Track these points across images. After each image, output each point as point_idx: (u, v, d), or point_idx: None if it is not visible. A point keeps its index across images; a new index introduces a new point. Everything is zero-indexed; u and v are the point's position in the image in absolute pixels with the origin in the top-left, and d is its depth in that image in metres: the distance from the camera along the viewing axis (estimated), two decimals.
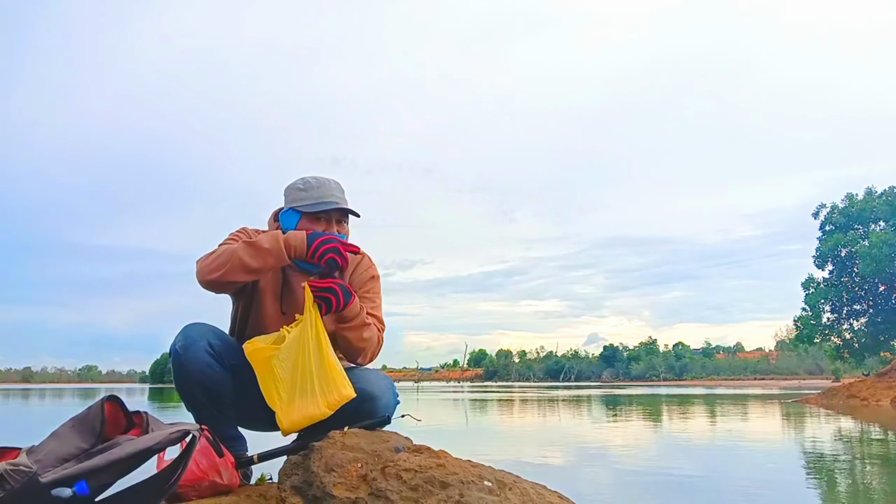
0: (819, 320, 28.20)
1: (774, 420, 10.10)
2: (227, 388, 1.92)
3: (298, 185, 1.99)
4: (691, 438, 6.96)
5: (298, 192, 1.98)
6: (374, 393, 1.87)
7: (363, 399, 1.82)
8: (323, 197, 1.96)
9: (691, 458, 5.34)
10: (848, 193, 27.54)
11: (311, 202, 1.96)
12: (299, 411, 1.74)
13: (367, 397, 1.84)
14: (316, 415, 1.73)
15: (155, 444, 1.47)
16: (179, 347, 1.89)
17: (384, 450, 1.57)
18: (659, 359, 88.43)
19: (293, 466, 1.59)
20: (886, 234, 25.06)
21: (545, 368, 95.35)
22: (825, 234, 27.70)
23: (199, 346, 1.89)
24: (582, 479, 4.07)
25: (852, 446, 6.18)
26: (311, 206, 1.95)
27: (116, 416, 1.62)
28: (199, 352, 1.89)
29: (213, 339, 1.93)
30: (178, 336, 1.93)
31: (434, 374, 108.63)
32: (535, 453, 5.42)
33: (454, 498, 1.40)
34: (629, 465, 4.84)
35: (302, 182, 1.99)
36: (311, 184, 1.98)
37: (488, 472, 1.54)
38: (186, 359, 1.88)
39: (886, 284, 26.28)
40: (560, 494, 1.64)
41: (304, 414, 1.74)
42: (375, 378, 1.94)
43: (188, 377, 1.89)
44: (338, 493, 1.46)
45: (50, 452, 1.45)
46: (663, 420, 10.13)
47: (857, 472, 4.49)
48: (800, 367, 77.35)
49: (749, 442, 6.59)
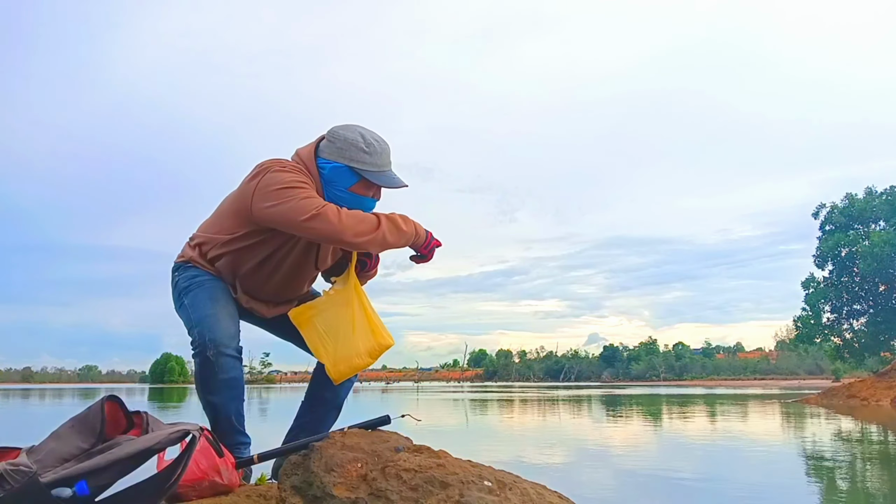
0: (819, 320, 28.20)
1: (774, 420, 10.10)
2: (243, 390, 2.01)
3: (361, 145, 1.89)
4: (691, 438, 6.96)
5: (361, 154, 1.89)
6: None
7: None
8: (384, 166, 1.92)
9: (691, 458, 5.34)
10: (848, 193, 27.54)
11: (375, 170, 1.90)
12: (345, 362, 1.89)
13: None
14: (360, 364, 1.88)
15: (155, 444, 1.47)
16: (211, 355, 1.90)
17: (384, 450, 1.57)
18: (659, 359, 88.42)
19: (293, 466, 1.59)
20: (887, 233, 25.07)
21: (545, 368, 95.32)
22: (825, 234, 27.70)
23: (229, 353, 1.93)
24: (582, 479, 4.07)
25: (852, 446, 6.18)
26: (376, 175, 1.90)
27: (116, 416, 1.62)
28: (230, 361, 1.93)
29: (235, 329, 1.98)
30: (204, 333, 1.91)
31: (434, 374, 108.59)
32: (535, 453, 5.42)
33: (454, 498, 1.39)
34: (629, 465, 4.84)
35: (364, 142, 1.90)
36: (375, 148, 1.90)
37: (488, 472, 1.54)
38: (219, 367, 1.91)
39: (887, 284, 26.28)
40: (560, 494, 1.64)
41: (349, 364, 1.90)
42: None
43: (219, 389, 1.94)
44: (338, 493, 1.46)
45: (50, 452, 1.46)
46: (663, 420, 10.13)
47: (857, 472, 4.49)
48: (800, 367, 77.35)
49: (749, 442, 6.59)
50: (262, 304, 2.12)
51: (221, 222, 2.03)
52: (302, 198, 1.81)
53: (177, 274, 2.10)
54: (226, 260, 2.03)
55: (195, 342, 1.93)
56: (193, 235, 2.15)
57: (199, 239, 2.09)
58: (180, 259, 2.12)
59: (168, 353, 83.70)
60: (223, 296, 2.02)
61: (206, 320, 1.93)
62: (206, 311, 1.95)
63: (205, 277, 2.04)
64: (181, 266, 2.10)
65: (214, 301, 1.98)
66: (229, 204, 2.03)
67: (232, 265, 2.03)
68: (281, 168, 1.88)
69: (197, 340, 1.92)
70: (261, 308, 2.12)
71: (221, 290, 2.03)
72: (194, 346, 1.94)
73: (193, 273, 2.06)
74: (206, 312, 1.95)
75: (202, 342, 1.90)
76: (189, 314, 1.99)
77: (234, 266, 2.03)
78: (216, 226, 2.05)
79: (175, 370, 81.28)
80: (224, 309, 1.98)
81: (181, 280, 2.07)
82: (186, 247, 2.14)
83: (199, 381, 1.95)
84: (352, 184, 1.91)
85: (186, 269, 2.08)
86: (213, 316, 1.94)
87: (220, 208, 2.08)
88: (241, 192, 1.95)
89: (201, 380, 1.94)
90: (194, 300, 2.00)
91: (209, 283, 2.03)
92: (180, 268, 2.10)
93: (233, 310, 2.03)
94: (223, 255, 2.02)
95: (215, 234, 2.04)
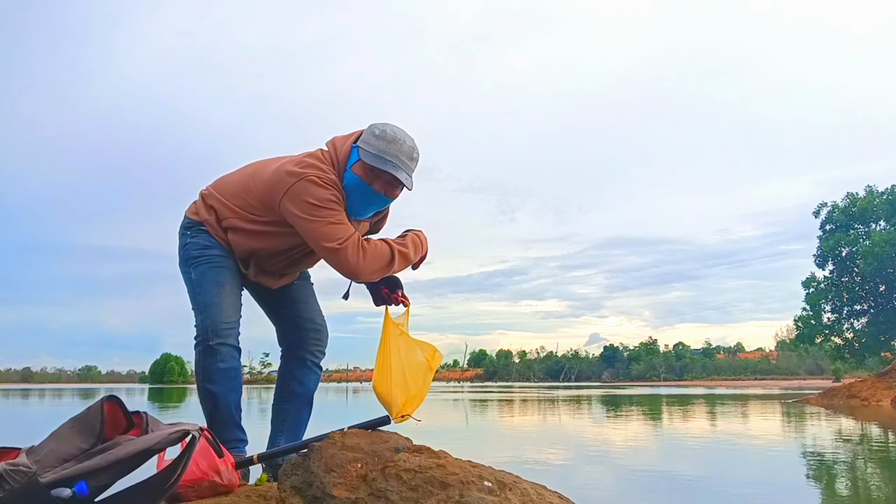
0: (819, 320, 28.20)
1: (775, 420, 10.10)
2: (241, 383, 2.06)
3: (376, 131, 1.91)
4: (691, 438, 6.96)
5: (371, 136, 1.91)
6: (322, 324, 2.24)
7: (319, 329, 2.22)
8: (386, 154, 1.89)
9: (691, 457, 5.34)
10: (849, 192, 27.55)
11: (374, 152, 1.89)
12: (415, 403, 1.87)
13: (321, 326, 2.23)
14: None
15: (155, 444, 1.47)
16: (214, 344, 1.97)
17: (384, 450, 1.57)
18: (659, 359, 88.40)
19: (293, 466, 1.59)
20: (887, 233, 25.05)
21: (545, 369, 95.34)
22: (826, 234, 27.70)
23: (231, 343, 2.00)
24: (582, 480, 4.07)
25: (852, 446, 6.17)
26: (372, 157, 1.89)
27: (116, 417, 1.62)
28: (231, 351, 2.00)
29: (237, 319, 2.03)
30: (207, 321, 1.97)
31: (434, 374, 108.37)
32: (535, 453, 5.42)
33: (454, 498, 1.39)
34: (629, 465, 4.84)
35: (379, 129, 1.91)
36: (387, 136, 1.89)
37: (488, 472, 1.54)
38: (221, 357, 1.98)
39: (887, 284, 26.26)
40: (560, 494, 1.64)
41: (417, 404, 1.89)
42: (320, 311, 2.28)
43: (220, 379, 1.99)
44: (338, 493, 1.46)
45: (50, 453, 1.46)
46: (663, 420, 10.13)
47: (857, 472, 4.49)
48: (800, 367, 77.35)
49: (749, 441, 6.59)
50: (270, 276, 2.15)
51: (246, 199, 2.00)
52: (330, 222, 1.84)
53: (188, 234, 2.08)
54: (243, 237, 2.02)
55: (199, 329, 1.99)
56: (210, 193, 2.09)
57: (216, 202, 2.05)
58: (194, 216, 2.09)
59: (168, 354, 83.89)
60: (230, 279, 2.04)
61: (210, 308, 1.98)
62: (212, 299, 1.99)
63: (216, 252, 2.04)
64: (195, 226, 2.07)
65: (220, 286, 2.01)
66: (259, 186, 1.97)
67: (249, 245, 2.03)
68: (318, 180, 1.86)
69: (201, 328, 1.98)
70: (268, 280, 2.15)
71: (229, 273, 2.05)
72: (197, 334, 2.00)
73: (206, 242, 2.04)
74: (212, 300, 1.99)
75: (205, 330, 1.97)
76: (195, 294, 2.03)
77: (250, 246, 2.03)
78: (239, 199, 2.01)
79: (175, 370, 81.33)
80: (228, 297, 2.03)
81: (192, 246, 2.05)
82: (201, 204, 2.10)
83: (200, 370, 1.98)
84: (353, 162, 1.93)
85: (199, 232, 2.06)
86: (218, 305, 1.99)
87: (247, 183, 2.01)
88: (273, 184, 1.91)
89: (203, 368, 1.98)
90: (202, 279, 2.02)
91: (219, 260, 2.03)
92: (193, 227, 2.08)
93: (237, 297, 2.07)
94: (241, 231, 2.01)
95: (237, 208, 2.01)
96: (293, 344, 2.21)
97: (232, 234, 2.03)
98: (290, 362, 2.21)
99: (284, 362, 2.23)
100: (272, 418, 2.21)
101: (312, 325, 2.21)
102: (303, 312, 2.21)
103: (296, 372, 2.19)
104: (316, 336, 2.22)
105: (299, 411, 2.20)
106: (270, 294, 2.20)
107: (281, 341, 2.25)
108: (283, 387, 2.21)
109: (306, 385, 2.21)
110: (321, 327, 2.24)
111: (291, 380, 2.20)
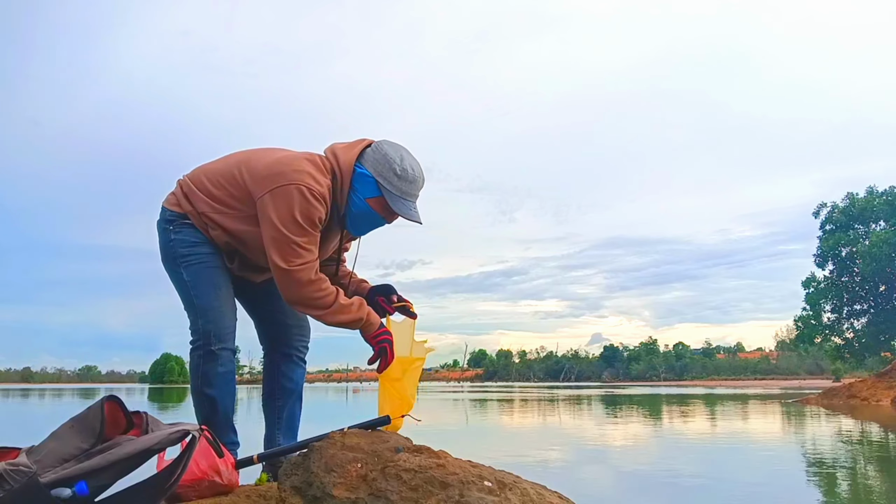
0: (819, 320, 28.21)
1: (775, 420, 10.10)
2: (235, 391, 2.07)
3: (395, 167, 1.88)
4: (692, 438, 6.96)
5: (392, 174, 1.88)
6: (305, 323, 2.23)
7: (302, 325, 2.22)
8: (407, 195, 1.90)
9: (691, 457, 5.33)
10: (849, 192, 27.55)
11: (397, 194, 1.89)
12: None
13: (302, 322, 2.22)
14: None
15: (155, 444, 1.47)
16: (216, 349, 1.97)
17: (384, 450, 1.57)
18: (659, 359, 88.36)
19: (293, 466, 1.60)
20: (887, 233, 25.06)
21: (545, 368, 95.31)
22: (826, 234, 27.70)
23: (230, 347, 2.01)
24: (582, 479, 4.07)
25: (852, 446, 6.17)
26: (395, 199, 1.88)
27: (116, 417, 1.62)
28: (229, 355, 2.01)
29: (234, 323, 2.03)
30: (209, 326, 1.96)
31: (434, 374, 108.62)
32: (535, 453, 5.42)
33: (454, 498, 1.39)
34: (629, 464, 4.84)
35: (400, 165, 1.88)
36: (407, 175, 1.89)
37: (488, 472, 1.54)
38: (220, 361, 1.98)
39: (887, 284, 26.27)
40: (560, 494, 1.64)
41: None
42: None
43: (219, 383, 1.99)
44: (338, 493, 1.46)
45: (50, 453, 1.45)
46: (663, 420, 10.13)
47: (857, 472, 4.49)
48: (800, 367, 77.30)
49: (749, 441, 6.59)
50: (254, 272, 2.11)
51: (232, 190, 1.93)
52: (296, 243, 1.81)
53: (172, 228, 1.99)
54: (229, 230, 1.95)
55: (199, 334, 1.96)
56: (190, 182, 2.02)
57: (198, 192, 1.97)
58: (175, 208, 2.01)
59: (167, 354, 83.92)
60: (223, 280, 2.02)
61: (211, 312, 1.96)
62: (212, 302, 1.97)
63: (205, 251, 1.98)
64: (178, 220, 1.99)
65: (218, 289, 1.99)
66: (248, 177, 1.91)
67: (235, 238, 1.97)
68: (307, 193, 1.82)
69: (202, 332, 1.95)
70: (252, 275, 2.12)
71: (222, 273, 2.02)
72: (197, 338, 1.96)
73: (192, 238, 1.98)
74: (212, 304, 1.97)
75: (207, 334, 1.95)
76: (192, 296, 1.97)
77: (237, 239, 1.97)
78: (224, 189, 1.94)
79: (175, 370, 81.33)
80: (227, 300, 2.02)
81: (178, 243, 1.98)
82: (181, 194, 2.01)
83: (198, 374, 1.97)
84: (371, 196, 1.90)
85: (183, 226, 1.98)
86: (219, 309, 1.97)
87: (233, 173, 1.94)
88: (263, 177, 1.86)
89: (203, 372, 1.96)
90: (197, 281, 1.97)
91: (210, 259, 1.99)
92: (175, 221, 1.99)
93: (233, 299, 2.06)
94: (227, 223, 1.95)
95: (223, 198, 1.94)
96: (277, 340, 2.20)
97: (216, 227, 1.96)
98: (276, 359, 2.20)
99: (270, 359, 2.20)
100: (266, 417, 2.21)
101: (295, 320, 2.20)
102: (286, 308, 2.12)
103: (283, 368, 2.19)
104: (300, 331, 2.21)
105: (292, 407, 2.20)
106: (253, 289, 2.16)
107: (263, 338, 2.22)
108: (273, 384, 2.19)
109: (295, 381, 2.21)
110: (304, 322, 2.22)
111: (280, 376, 2.19)
